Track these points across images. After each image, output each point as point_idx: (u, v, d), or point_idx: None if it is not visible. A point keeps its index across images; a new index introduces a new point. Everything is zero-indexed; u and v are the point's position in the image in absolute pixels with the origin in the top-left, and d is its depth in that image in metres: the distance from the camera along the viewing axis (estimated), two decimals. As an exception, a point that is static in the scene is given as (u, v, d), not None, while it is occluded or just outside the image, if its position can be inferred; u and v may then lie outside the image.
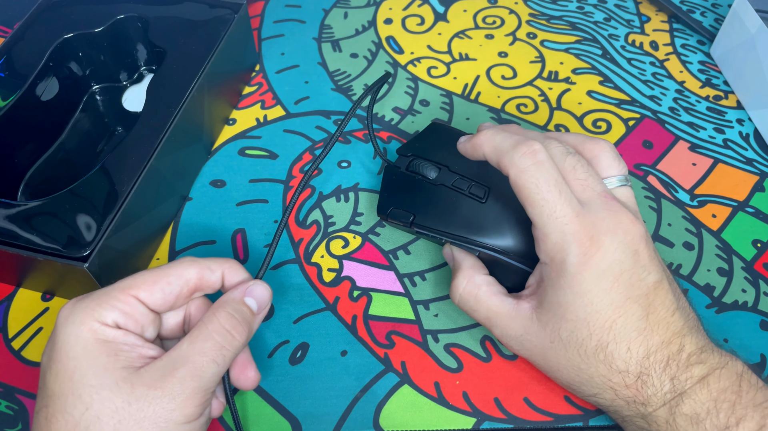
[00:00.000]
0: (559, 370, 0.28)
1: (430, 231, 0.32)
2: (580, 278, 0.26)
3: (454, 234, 0.31)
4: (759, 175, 0.39)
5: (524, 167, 0.26)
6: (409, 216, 0.32)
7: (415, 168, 0.33)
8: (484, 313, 0.29)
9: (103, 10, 0.40)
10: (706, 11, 0.50)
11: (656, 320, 0.26)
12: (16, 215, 0.30)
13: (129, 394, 0.23)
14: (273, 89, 0.44)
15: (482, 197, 0.31)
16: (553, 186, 0.26)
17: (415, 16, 0.49)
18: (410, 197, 0.33)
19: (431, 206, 0.32)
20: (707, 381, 0.25)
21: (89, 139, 0.39)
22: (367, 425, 0.29)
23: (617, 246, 0.26)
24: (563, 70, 0.45)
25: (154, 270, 0.26)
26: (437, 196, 0.32)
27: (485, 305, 0.29)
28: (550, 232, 0.26)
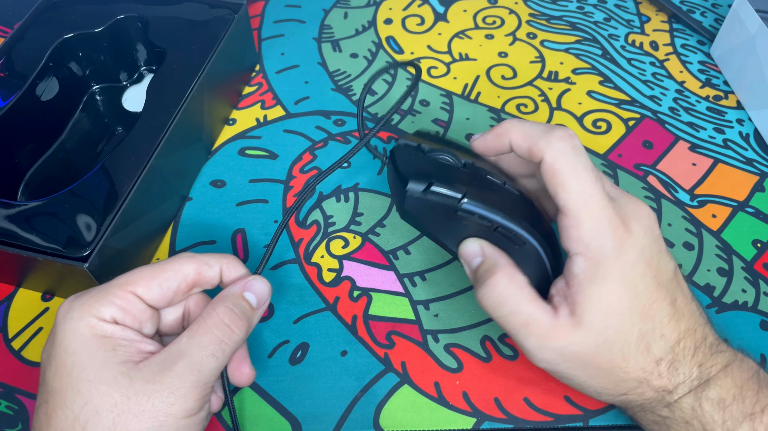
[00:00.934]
0: (598, 376, 0.26)
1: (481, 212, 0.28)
2: (618, 264, 0.25)
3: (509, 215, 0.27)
4: (759, 175, 0.39)
5: (563, 150, 0.25)
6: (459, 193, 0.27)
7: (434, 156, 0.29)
8: (523, 319, 0.26)
9: (103, 10, 0.40)
10: (706, 11, 0.50)
11: (681, 306, 0.26)
12: (16, 215, 0.30)
13: (128, 388, 0.23)
14: (273, 89, 0.44)
15: (518, 194, 0.29)
16: (591, 171, 0.25)
17: (415, 16, 0.49)
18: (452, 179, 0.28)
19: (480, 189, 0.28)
20: (731, 369, 0.25)
21: (89, 139, 0.39)
22: (367, 425, 0.29)
23: (644, 232, 0.26)
24: (563, 70, 0.45)
25: (152, 266, 0.26)
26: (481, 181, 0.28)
27: (526, 310, 0.26)
28: (586, 218, 0.25)
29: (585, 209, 0.25)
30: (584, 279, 0.25)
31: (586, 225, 0.25)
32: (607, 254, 0.25)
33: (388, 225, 0.36)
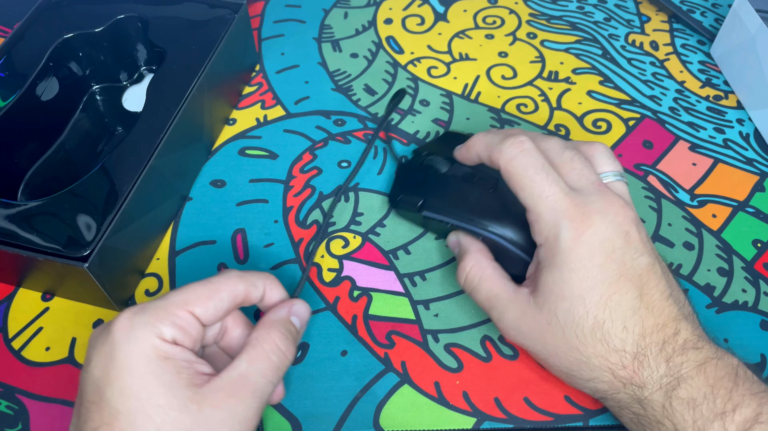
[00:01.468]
0: (557, 355, 0.28)
1: (438, 214, 0.33)
2: (573, 254, 0.27)
3: (462, 217, 0.32)
4: (759, 175, 0.39)
5: (512, 155, 0.28)
6: (418, 201, 0.34)
7: (428, 162, 0.35)
8: (485, 295, 0.30)
9: (103, 10, 0.40)
10: (706, 11, 0.50)
11: (650, 302, 0.26)
12: (16, 215, 0.30)
13: (197, 414, 0.23)
14: (273, 89, 0.44)
15: (490, 187, 0.32)
16: (540, 169, 0.27)
17: (415, 16, 0.49)
18: (421, 187, 0.34)
19: (440, 194, 0.33)
20: (704, 368, 0.25)
21: (89, 139, 0.39)
22: (367, 425, 0.29)
23: (608, 225, 0.27)
24: (563, 70, 0.45)
25: (206, 284, 0.26)
26: (447, 185, 0.33)
27: (487, 287, 0.30)
28: (542, 211, 0.27)
29: (540, 204, 0.27)
30: (544, 266, 0.28)
31: (542, 218, 0.27)
32: (562, 244, 0.27)
33: (388, 225, 0.36)
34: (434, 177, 0.34)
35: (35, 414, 0.29)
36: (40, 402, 0.30)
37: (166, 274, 0.34)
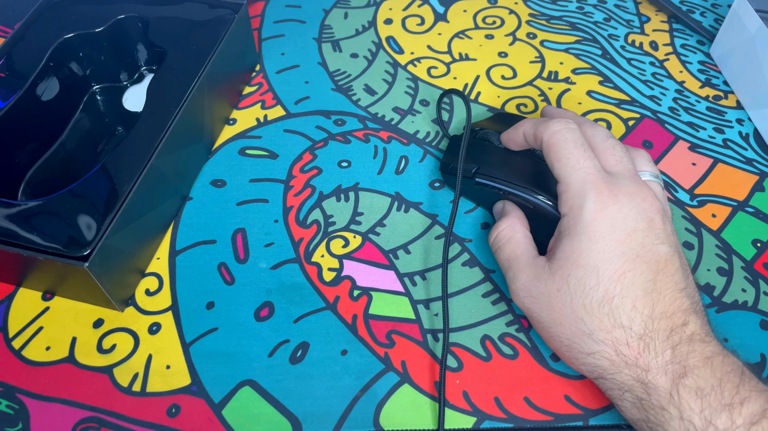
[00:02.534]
0: (561, 324, 0.28)
1: (490, 181, 0.34)
2: (595, 224, 0.27)
3: (513, 184, 0.34)
4: (759, 175, 0.39)
5: (557, 129, 0.30)
6: (472, 168, 0.35)
7: (482, 136, 0.36)
8: (507, 254, 0.31)
9: (104, 10, 0.40)
10: (706, 11, 0.50)
11: (663, 289, 0.26)
12: (17, 214, 0.30)
13: None
14: (273, 89, 0.44)
15: (542, 159, 0.32)
16: (580, 145, 0.29)
17: (415, 16, 0.49)
18: (475, 157, 0.36)
19: (494, 163, 0.35)
20: (711, 361, 0.25)
21: (90, 139, 0.39)
22: (367, 424, 0.29)
23: (633, 207, 0.28)
24: (563, 70, 0.45)
25: None
26: (500, 156, 0.35)
27: (512, 247, 0.31)
28: (572, 181, 0.28)
29: (572, 175, 0.28)
30: (564, 234, 0.28)
31: (571, 188, 0.28)
32: (585, 214, 0.28)
33: (388, 225, 0.36)
34: (487, 148, 0.35)
35: (35, 414, 0.29)
36: (40, 401, 0.30)
37: (167, 274, 0.34)
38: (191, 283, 0.34)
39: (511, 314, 0.33)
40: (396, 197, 0.38)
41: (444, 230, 0.36)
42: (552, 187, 0.32)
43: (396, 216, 0.37)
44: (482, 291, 0.34)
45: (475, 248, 0.36)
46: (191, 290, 0.34)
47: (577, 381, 0.31)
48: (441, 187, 0.38)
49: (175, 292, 0.33)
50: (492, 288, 0.34)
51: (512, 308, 0.33)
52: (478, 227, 0.37)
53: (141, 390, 0.30)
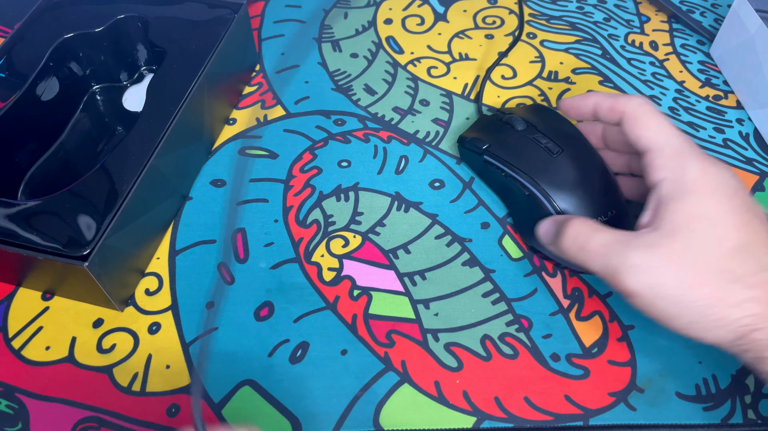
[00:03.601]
0: (702, 283, 0.26)
1: (497, 161, 0.35)
2: (704, 182, 0.27)
3: (518, 169, 0.34)
4: (759, 175, 0.39)
5: (642, 101, 0.30)
6: (483, 145, 0.36)
7: (507, 120, 0.37)
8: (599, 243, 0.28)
9: (103, 10, 0.40)
10: (706, 11, 0.50)
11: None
12: (17, 214, 0.30)
13: None
14: (273, 89, 0.44)
15: (554, 153, 0.34)
16: (667, 118, 0.29)
17: (415, 16, 0.49)
18: (493, 136, 0.37)
19: (506, 146, 0.36)
20: None
21: (89, 139, 0.39)
22: (367, 424, 0.29)
23: (728, 170, 0.28)
24: (563, 70, 0.45)
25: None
26: (515, 140, 0.35)
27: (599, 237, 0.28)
28: (670, 145, 0.28)
29: (667, 140, 0.28)
30: (671, 198, 0.27)
31: (667, 150, 0.28)
32: (692, 174, 0.27)
33: (388, 225, 0.36)
34: (507, 131, 0.36)
35: (35, 414, 0.29)
36: (40, 401, 0.30)
37: (167, 274, 0.34)
38: (191, 283, 0.34)
39: (511, 314, 0.33)
40: (396, 197, 0.38)
41: (444, 230, 0.36)
42: (562, 180, 0.33)
43: (396, 216, 0.37)
44: (482, 291, 0.34)
45: (475, 248, 0.36)
46: (191, 290, 0.34)
47: (577, 381, 0.31)
48: (441, 186, 0.38)
49: (174, 292, 0.33)
50: (492, 288, 0.34)
51: (512, 308, 0.33)
52: (478, 227, 0.36)
53: (141, 390, 0.30)
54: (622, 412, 0.30)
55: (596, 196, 0.33)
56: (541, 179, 0.33)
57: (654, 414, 0.30)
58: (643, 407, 0.30)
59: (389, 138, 0.41)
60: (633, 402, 0.30)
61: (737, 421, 0.30)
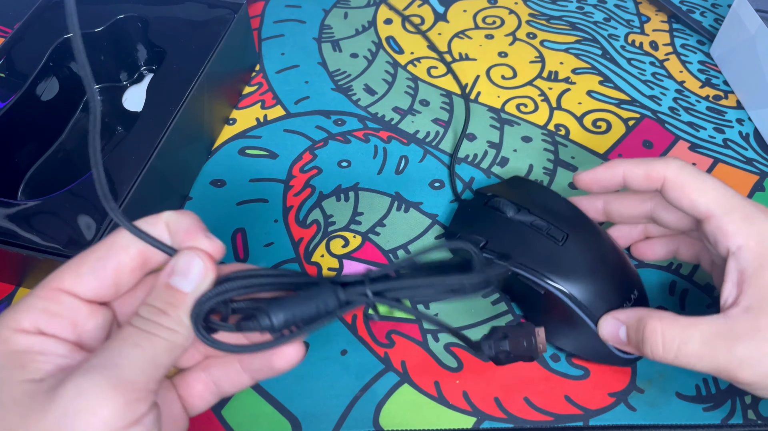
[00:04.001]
0: None
1: (498, 258, 0.31)
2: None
3: (526, 265, 0.30)
4: (759, 175, 0.39)
5: (683, 164, 0.27)
6: (480, 241, 0.32)
7: (494, 204, 0.33)
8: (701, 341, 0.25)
9: (103, 10, 0.40)
10: (706, 11, 0.50)
11: None
12: (17, 214, 0.30)
13: (27, 407, 0.18)
14: (273, 89, 0.44)
15: (560, 240, 0.30)
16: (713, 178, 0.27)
17: (415, 16, 0.49)
18: (484, 228, 0.32)
19: (505, 239, 0.32)
20: None
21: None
22: (367, 424, 0.29)
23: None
24: (563, 69, 0.45)
25: (86, 251, 0.22)
26: (513, 231, 0.32)
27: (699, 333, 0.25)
28: (734, 207, 0.26)
29: (731, 203, 0.26)
30: (754, 269, 0.25)
31: (736, 215, 0.26)
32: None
33: (388, 225, 0.36)
34: (499, 220, 0.32)
35: (35, 414, 0.29)
36: (40, 401, 0.30)
37: (166, 274, 0.34)
38: (191, 283, 0.34)
39: (511, 314, 0.33)
40: (396, 197, 0.38)
41: (444, 230, 0.36)
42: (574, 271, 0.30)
43: (396, 216, 0.37)
44: (482, 291, 0.34)
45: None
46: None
47: (578, 382, 0.31)
48: (441, 186, 0.38)
49: (174, 292, 0.33)
50: (492, 288, 0.34)
51: (512, 308, 0.33)
52: (478, 227, 0.36)
53: (141, 390, 0.30)
54: (623, 413, 0.30)
55: (616, 280, 0.30)
56: (555, 275, 0.30)
57: (654, 415, 0.30)
58: (644, 407, 0.30)
59: (389, 138, 0.41)
60: (633, 403, 0.30)
61: (737, 422, 0.30)
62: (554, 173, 0.39)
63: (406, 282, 0.24)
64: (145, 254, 0.22)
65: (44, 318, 0.20)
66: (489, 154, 0.40)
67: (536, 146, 0.40)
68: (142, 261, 0.22)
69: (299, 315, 0.22)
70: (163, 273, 0.22)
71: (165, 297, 0.21)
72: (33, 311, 0.20)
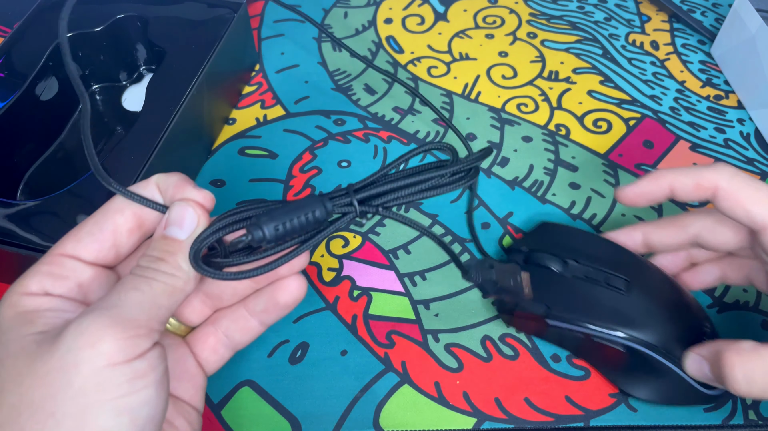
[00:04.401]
0: None
1: (568, 323, 0.29)
2: None
3: (598, 324, 0.28)
4: (760, 175, 0.39)
5: (734, 171, 0.26)
6: (539, 308, 0.29)
7: (536, 260, 0.31)
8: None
9: (103, 10, 0.40)
10: (707, 11, 0.50)
11: None
12: (16, 214, 0.30)
13: (33, 353, 0.19)
14: (273, 89, 0.43)
15: (622, 289, 0.29)
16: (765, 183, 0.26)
17: (415, 15, 0.49)
18: (540, 294, 0.30)
19: (566, 299, 0.29)
20: None
21: (89, 139, 0.39)
22: (367, 425, 0.29)
23: None
24: (563, 69, 0.45)
25: (90, 219, 0.23)
26: (569, 288, 0.29)
27: None
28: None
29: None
30: None
31: None
32: None
33: (388, 225, 0.36)
34: (549, 278, 0.30)
35: (34, 414, 0.29)
36: (39, 402, 0.30)
37: (166, 274, 0.34)
38: (191, 283, 0.34)
39: (511, 314, 0.33)
40: (396, 197, 0.38)
41: (444, 230, 0.36)
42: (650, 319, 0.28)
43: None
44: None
45: (475, 248, 0.35)
46: (191, 290, 0.33)
47: (578, 382, 0.31)
48: (441, 186, 0.38)
49: (174, 292, 0.33)
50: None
51: (512, 308, 0.33)
52: (478, 227, 0.36)
53: (140, 391, 0.30)
54: (623, 413, 0.30)
55: (689, 317, 0.29)
56: (632, 328, 0.28)
57: (655, 415, 0.30)
58: (644, 408, 0.30)
59: (389, 138, 0.41)
60: (634, 403, 0.30)
61: (738, 422, 0.29)
62: (555, 173, 0.39)
63: (387, 186, 0.24)
64: (139, 215, 0.23)
65: (50, 281, 0.21)
66: (489, 154, 0.40)
67: (537, 146, 0.40)
68: (137, 223, 0.23)
69: (289, 226, 0.22)
70: (159, 227, 0.23)
71: (162, 246, 0.22)
72: (38, 275, 0.21)
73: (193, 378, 0.26)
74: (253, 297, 0.26)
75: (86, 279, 0.22)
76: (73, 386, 0.18)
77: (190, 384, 0.25)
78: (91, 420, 0.18)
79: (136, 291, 0.21)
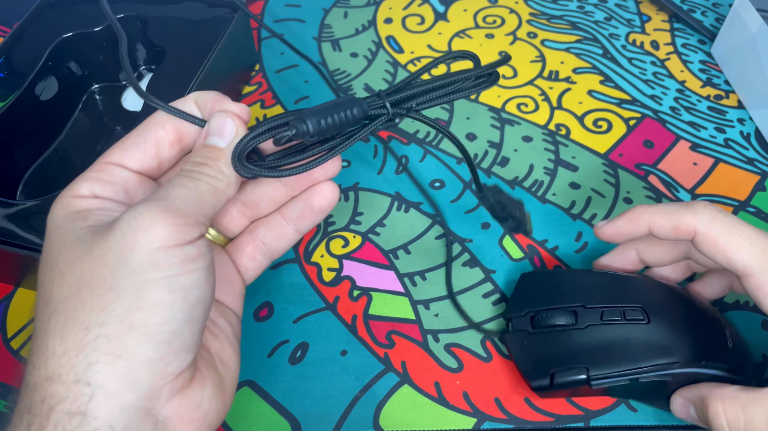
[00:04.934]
0: None
1: (612, 378, 0.27)
2: None
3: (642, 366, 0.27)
4: (760, 175, 0.39)
5: (713, 215, 0.25)
6: (579, 374, 0.27)
7: (543, 323, 0.29)
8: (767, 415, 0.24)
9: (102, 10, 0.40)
10: (707, 11, 0.50)
11: None
12: (16, 214, 0.30)
13: (89, 241, 0.21)
14: (272, 89, 0.43)
15: (642, 319, 0.28)
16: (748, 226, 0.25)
17: (415, 15, 0.49)
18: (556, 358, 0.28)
19: (595, 352, 0.28)
20: None
21: (88, 139, 0.39)
22: (367, 425, 0.29)
23: None
24: (564, 69, 0.45)
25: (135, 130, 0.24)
26: (594, 339, 0.28)
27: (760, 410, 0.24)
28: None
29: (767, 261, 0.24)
30: None
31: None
32: None
33: (388, 225, 0.36)
34: (568, 335, 0.28)
35: (34, 414, 0.29)
36: (39, 402, 0.30)
37: (166, 274, 0.34)
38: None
39: (511, 314, 0.33)
40: (396, 197, 0.38)
41: (444, 231, 0.36)
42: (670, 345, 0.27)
43: (396, 216, 0.37)
44: (483, 292, 0.34)
45: (475, 248, 0.35)
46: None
47: (578, 382, 0.31)
48: (441, 186, 0.38)
49: (174, 292, 0.33)
50: (492, 289, 0.34)
51: (513, 308, 0.33)
52: (478, 227, 0.36)
53: (140, 391, 0.30)
54: (623, 413, 0.30)
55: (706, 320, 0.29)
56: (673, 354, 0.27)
57: (655, 416, 0.30)
58: (644, 408, 0.30)
59: (389, 138, 0.41)
60: (634, 404, 0.30)
61: (738, 422, 0.29)
62: (555, 173, 0.39)
63: (415, 89, 0.26)
64: (179, 129, 0.24)
65: (99, 185, 0.23)
66: (489, 154, 0.40)
67: (537, 146, 0.40)
68: (178, 136, 0.24)
69: (330, 121, 0.23)
70: (199, 138, 0.24)
71: (204, 152, 0.23)
72: (88, 180, 0.23)
73: (233, 283, 0.27)
74: (289, 204, 0.28)
75: (132, 185, 0.24)
76: (130, 264, 0.20)
77: (231, 288, 0.27)
78: (148, 295, 0.20)
79: (183, 187, 0.22)
